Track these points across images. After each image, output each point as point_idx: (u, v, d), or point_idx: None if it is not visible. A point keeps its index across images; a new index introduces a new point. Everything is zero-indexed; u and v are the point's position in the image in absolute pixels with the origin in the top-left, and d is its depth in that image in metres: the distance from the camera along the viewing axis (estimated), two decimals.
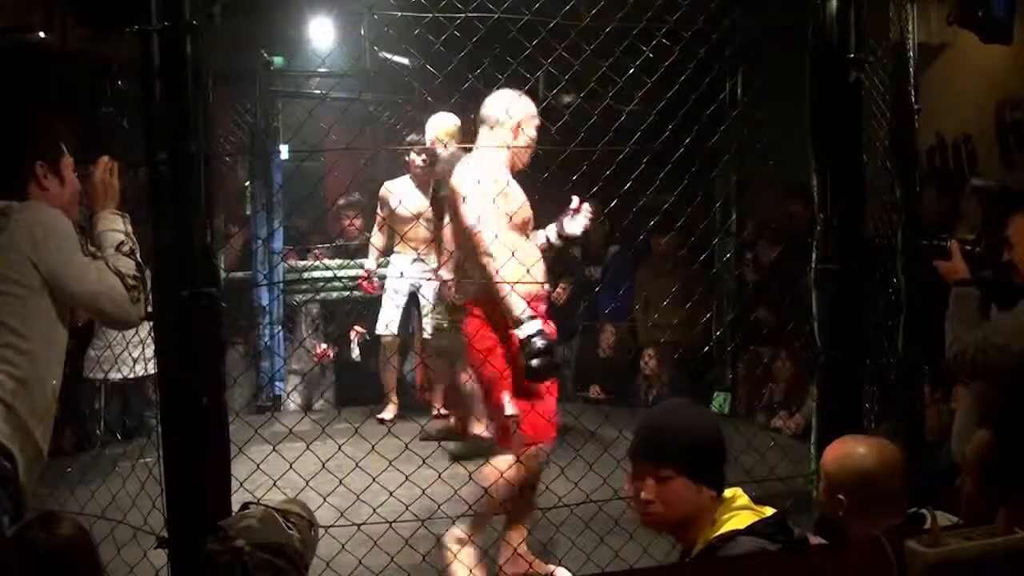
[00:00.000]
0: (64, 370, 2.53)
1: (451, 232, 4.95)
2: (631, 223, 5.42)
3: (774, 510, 2.16)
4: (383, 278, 6.08)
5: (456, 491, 3.35)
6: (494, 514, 3.46)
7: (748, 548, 2.04)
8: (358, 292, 6.29)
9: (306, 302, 6.78)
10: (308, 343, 6.64)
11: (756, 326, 5.95)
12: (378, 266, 6.16)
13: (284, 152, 6.66)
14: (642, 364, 6.54)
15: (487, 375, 3.43)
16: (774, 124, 4.22)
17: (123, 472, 3.51)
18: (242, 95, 6.36)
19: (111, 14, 2.58)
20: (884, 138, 3.53)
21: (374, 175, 6.74)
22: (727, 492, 2.20)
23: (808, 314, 3.03)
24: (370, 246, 6.16)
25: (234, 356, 6.16)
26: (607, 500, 3.32)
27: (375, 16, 4.54)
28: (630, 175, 3.58)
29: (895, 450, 2.46)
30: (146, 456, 3.49)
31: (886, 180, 3.54)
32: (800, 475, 3.54)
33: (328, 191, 7.31)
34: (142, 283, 2.51)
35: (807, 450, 3.36)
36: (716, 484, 2.19)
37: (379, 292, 6.08)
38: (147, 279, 2.53)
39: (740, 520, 2.12)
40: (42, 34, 5.07)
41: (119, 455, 4.17)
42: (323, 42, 5.93)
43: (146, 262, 2.55)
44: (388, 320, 5.94)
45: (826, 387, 3.02)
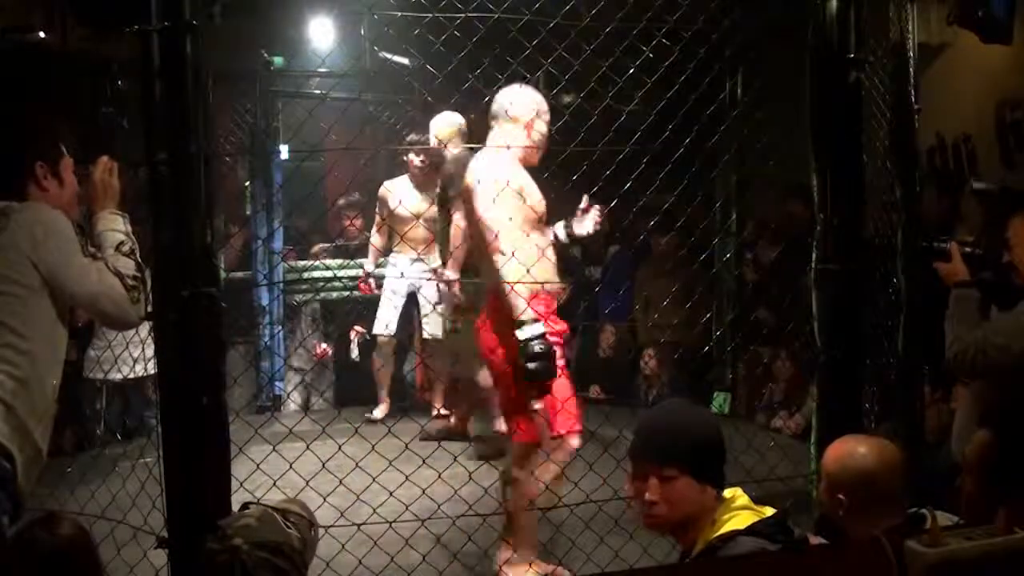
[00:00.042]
0: (64, 370, 2.54)
1: (460, 231, 4.95)
2: (631, 223, 5.43)
3: (774, 510, 2.16)
4: (381, 278, 6.08)
5: (456, 491, 3.35)
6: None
7: (748, 548, 2.03)
8: (358, 292, 6.30)
9: (306, 302, 6.78)
10: (308, 343, 6.65)
11: (756, 326, 5.95)
12: (377, 266, 6.16)
13: (284, 152, 6.66)
14: (642, 364, 6.54)
15: (510, 373, 3.42)
16: (774, 124, 4.22)
17: (123, 472, 3.51)
18: (242, 95, 6.37)
19: (111, 14, 2.58)
20: (884, 138, 3.53)
21: (374, 175, 6.75)
22: (727, 492, 2.20)
23: (808, 314, 3.03)
24: (369, 247, 6.16)
25: (234, 356, 6.15)
26: (607, 500, 3.32)
27: (375, 16, 4.55)
28: (630, 175, 3.58)
29: (895, 450, 2.46)
30: (146, 456, 3.49)
31: (886, 180, 3.54)
32: (800, 475, 3.54)
33: (328, 191, 7.31)
34: (142, 283, 2.51)
35: (807, 450, 3.36)
36: (718, 483, 2.19)
37: (377, 293, 6.08)
38: (147, 279, 2.52)
39: (740, 520, 2.12)
40: (42, 34, 5.07)
41: (119, 455, 4.17)
42: (323, 42, 5.93)
43: (146, 262, 2.55)
44: (387, 320, 5.94)
45: (826, 387, 3.02)
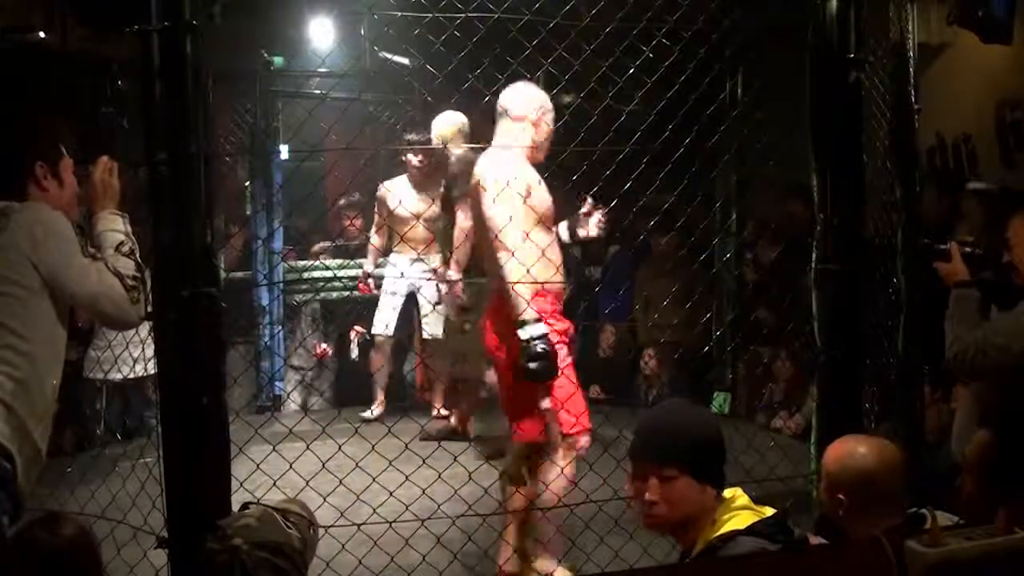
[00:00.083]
0: (64, 370, 2.54)
1: (463, 232, 4.95)
2: (631, 223, 5.43)
3: (774, 510, 2.16)
4: (381, 278, 6.08)
5: (456, 491, 3.35)
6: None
7: (748, 548, 2.04)
8: (358, 292, 6.30)
9: (306, 302, 6.78)
10: (308, 343, 6.65)
11: (756, 326, 5.96)
12: (376, 267, 6.16)
13: (284, 152, 6.66)
14: (642, 364, 6.54)
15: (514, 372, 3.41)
16: (774, 124, 4.21)
17: (123, 472, 3.51)
18: (242, 95, 6.37)
19: (111, 14, 2.58)
20: (884, 138, 3.53)
21: (374, 175, 6.74)
22: (727, 492, 2.20)
23: (808, 314, 3.02)
24: (369, 247, 6.16)
25: (234, 356, 6.15)
26: (607, 500, 3.32)
27: (375, 16, 4.54)
28: (630, 175, 3.58)
29: (895, 450, 2.46)
30: (146, 456, 3.49)
31: (886, 180, 3.54)
32: (800, 475, 3.54)
33: (328, 191, 7.31)
34: (142, 283, 2.51)
35: (807, 450, 3.36)
36: (718, 483, 2.19)
37: (376, 293, 6.08)
38: (147, 279, 2.52)
39: (740, 520, 2.12)
40: (42, 34, 5.07)
41: (119, 455, 4.17)
42: (323, 42, 5.93)
43: (146, 262, 2.55)
44: (387, 320, 5.94)
45: (826, 387, 3.02)
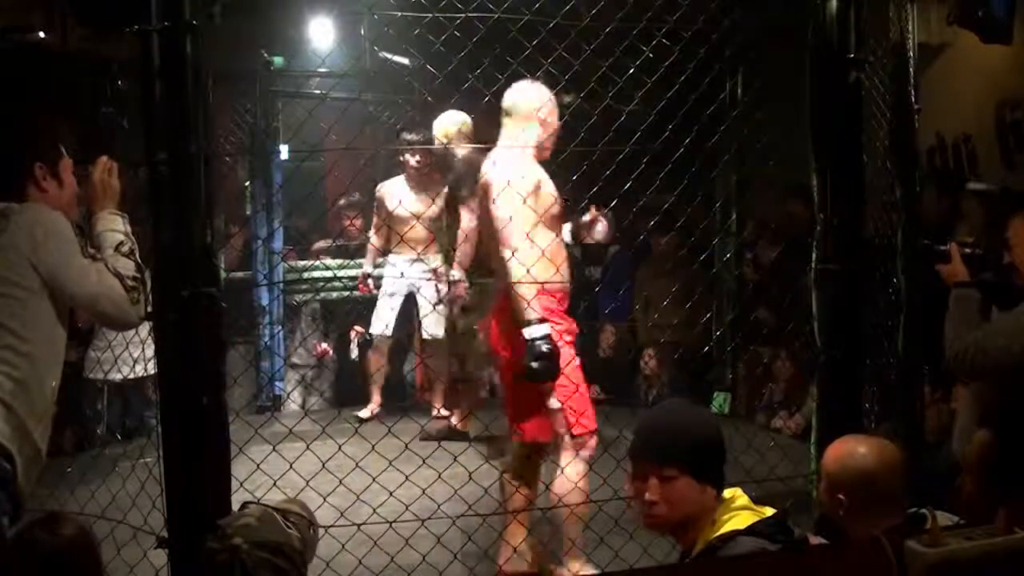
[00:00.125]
0: (64, 370, 2.54)
1: (469, 231, 4.94)
2: (631, 223, 5.43)
3: (774, 510, 2.16)
4: (380, 279, 6.07)
5: (456, 491, 3.35)
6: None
7: (748, 548, 2.04)
8: (358, 292, 6.30)
9: (306, 302, 6.78)
10: (308, 343, 6.65)
11: (756, 326, 5.95)
12: (376, 267, 6.16)
13: (284, 152, 6.65)
14: (642, 364, 6.54)
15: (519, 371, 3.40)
16: (774, 124, 4.22)
17: (123, 472, 3.51)
18: (242, 95, 6.36)
19: (111, 14, 2.57)
20: (884, 138, 3.53)
21: (374, 175, 6.74)
22: (727, 492, 2.20)
23: (808, 314, 3.02)
24: (368, 248, 6.16)
25: (234, 356, 6.15)
26: (607, 500, 3.32)
27: (375, 16, 4.54)
28: (630, 175, 3.58)
29: (896, 450, 2.46)
30: (146, 456, 3.49)
31: (886, 180, 3.54)
32: (800, 475, 3.54)
33: (328, 191, 7.31)
34: (142, 284, 2.51)
35: (807, 450, 3.36)
36: (718, 484, 2.19)
37: (376, 293, 6.08)
38: (147, 279, 2.52)
39: (740, 520, 2.12)
40: (42, 34, 5.07)
41: (119, 455, 4.17)
42: (323, 42, 5.93)
43: (146, 262, 2.55)
44: (386, 321, 5.94)
45: (826, 387, 3.02)
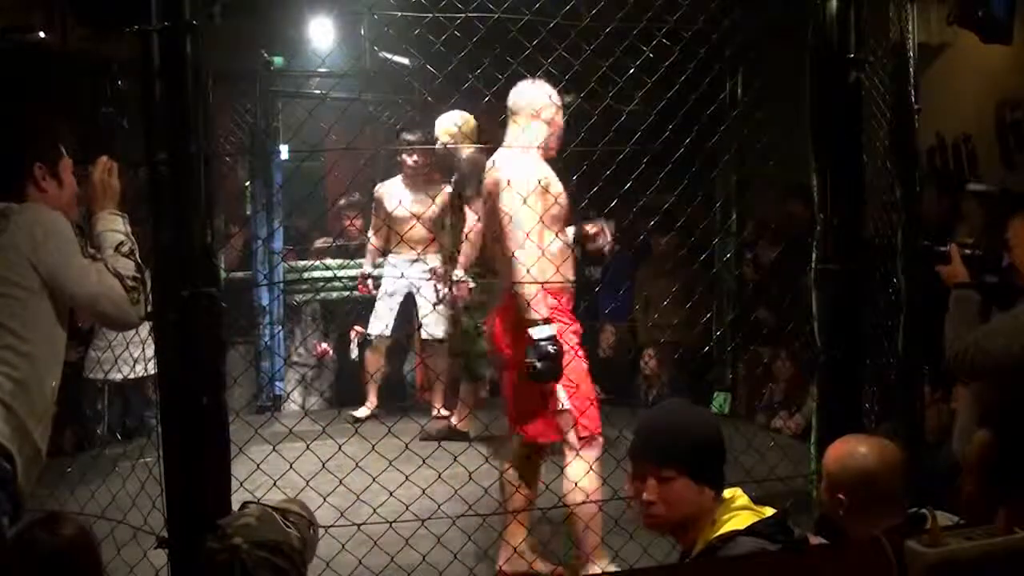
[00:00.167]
0: (64, 371, 2.53)
1: (475, 231, 4.93)
2: (631, 223, 5.43)
3: (774, 510, 2.16)
4: (380, 279, 6.07)
5: (456, 491, 3.35)
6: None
7: (748, 548, 2.04)
8: (358, 292, 6.30)
9: (306, 302, 6.78)
10: (308, 343, 6.64)
11: (756, 326, 5.95)
12: (375, 267, 6.15)
13: (284, 152, 6.66)
14: (642, 364, 6.54)
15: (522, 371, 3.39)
16: (774, 124, 4.21)
17: (123, 472, 3.51)
18: (242, 95, 6.37)
19: (111, 14, 2.57)
20: (884, 138, 3.53)
21: (374, 175, 6.74)
22: (727, 492, 2.20)
23: (808, 314, 3.02)
24: (367, 248, 6.16)
25: (234, 356, 6.15)
26: (607, 500, 3.32)
27: (375, 16, 4.53)
28: (630, 175, 3.58)
29: (896, 450, 2.46)
30: (146, 456, 3.49)
31: (886, 180, 3.54)
32: (800, 475, 3.54)
33: (328, 191, 7.31)
34: (142, 284, 2.51)
35: (807, 450, 3.36)
36: (716, 484, 2.19)
37: (375, 294, 6.08)
38: (147, 279, 2.52)
39: (740, 520, 2.12)
40: (42, 34, 5.07)
41: (119, 455, 4.17)
42: (323, 42, 5.93)
43: (146, 262, 2.55)
44: (384, 321, 5.94)
45: (826, 387, 3.02)
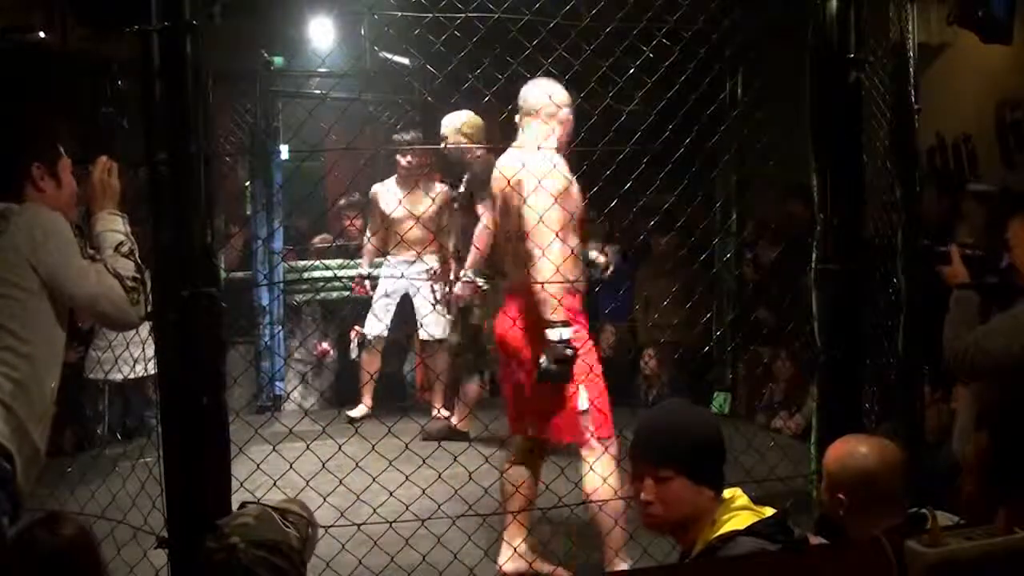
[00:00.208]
0: (64, 371, 2.53)
1: (486, 232, 4.92)
2: (631, 223, 5.43)
3: (774, 510, 2.16)
4: (377, 279, 6.07)
5: (456, 491, 3.35)
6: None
7: (748, 548, 2.03)
8: (356, 293, 6.30)
9: (306, 302, 6.78)
10: (308, 343, 6.65)
11: (756, 326, 5.95)
12: (373, 267, 6.16)
13: (284, 152, 6.66)
14: (642, 364, 6.54)
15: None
16: (774, 124, 4.21)
17: (123, 472, 3.51)
18: (242, 95, 6.37)
19: (111, 14, 2.58)
20: (884, 138, 3.53)
21: (374, 175, 6.74)
22: (727, 492, 2.20)
23: (808, 314, 3.03)
24: (364, 249, 6.15)
25: (234, 356, 6.15)
26: (607, 500, 3.31)
27: (375, 16, 4.53)
28: (630, 175, 3.58)
29: (896, 450, 2.47)
30: (146, 456, 3.49)
31: (886, 180, 3.54)
32: (800, 475, 3.54)
33: (328, 191, 7.31)
34: (141, 284, 2.51)
35: (807, 450, 3.35)
36: (716, 484, 2.19)
37: (372, 295, 6.08)
38: (147, 280, 2.52)
39: (740, 520, 2.12)
40: (42, 34, 5.07)
41: (119, 455, 4.17)
42: (323, 42, 5.93)
43: (146, 262, 2.55)
44: (384, 322, 5.94)
45: (826, 387, 3.02)
